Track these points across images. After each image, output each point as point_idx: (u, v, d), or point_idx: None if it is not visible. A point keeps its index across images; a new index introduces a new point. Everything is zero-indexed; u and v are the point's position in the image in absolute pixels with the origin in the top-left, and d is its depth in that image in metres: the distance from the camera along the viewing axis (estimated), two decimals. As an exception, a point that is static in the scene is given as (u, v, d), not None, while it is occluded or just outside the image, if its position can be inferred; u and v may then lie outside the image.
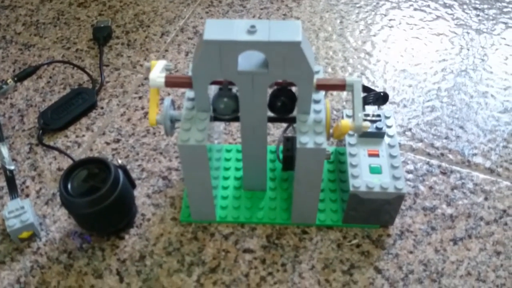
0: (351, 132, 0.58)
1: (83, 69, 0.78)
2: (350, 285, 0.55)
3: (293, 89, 0.52)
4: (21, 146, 0.69)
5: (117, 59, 0.80)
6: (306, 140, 0.48)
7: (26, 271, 0.57)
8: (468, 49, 0.81)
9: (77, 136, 0.70)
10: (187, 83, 0.49)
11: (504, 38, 0.83)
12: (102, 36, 0.82)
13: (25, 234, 0.58)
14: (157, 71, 0.49)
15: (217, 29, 0.44)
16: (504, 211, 0.61)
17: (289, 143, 0.57)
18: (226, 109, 0.51)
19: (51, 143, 0.69)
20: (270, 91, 0.51)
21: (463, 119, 0.71)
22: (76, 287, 0.55)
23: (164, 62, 0.51)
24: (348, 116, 0.60)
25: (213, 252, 0.57)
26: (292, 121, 0.53)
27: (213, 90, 0.53)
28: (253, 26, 0.44)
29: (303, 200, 0.56)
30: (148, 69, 0.51)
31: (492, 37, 0.83)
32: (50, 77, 0.78)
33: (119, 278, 0.56)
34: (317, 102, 0.51)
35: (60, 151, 0.67)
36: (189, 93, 0.53)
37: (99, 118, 0.72)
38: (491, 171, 0.65)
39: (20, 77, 0.77)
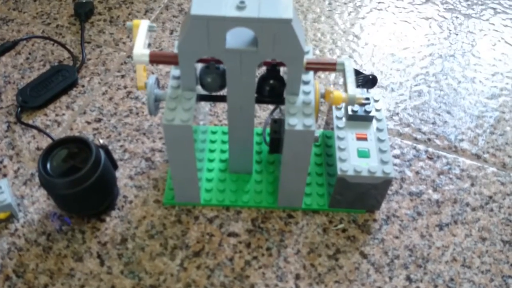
0: (339, 115, 0.57)
1: (63, 46, 0.75)
2: (336, 270, 0.54)
3: (282, 70, 0.51)
4: (-2, 124, 0.66)
5: (99, 36, 0.78)
6: (295, 122, 0.47)
7: (3, 253, 0.55)
8: (457, 34, 0.81)
9: (57, 115, 0.67)
10: (172, 60, 0.47)
11: (493, 24, 0.82)
12: (83, 12, 0.79)
13: (2, 215, 0.56)
14: (141, 44, 0.47)
15: (205, 3, 0.42)
16: (490, 197, 0.61)
17: (276, 125, 0.55)
18: (213, 83, 0.49)
19: (30, 122, 0.67)
20: (258, 76, 0.49)
21: (450, 104, 0.71)
22: (55, 270, 0.54)
23: (147, 22, 0.49)
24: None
25: (197, 235, 0.56)
26: (280, 102, 0.52)
27: (199, 68, 0.51)
28: (242, 2, 0.42)
29: (290, 184, 0.55)
30: (130, 30, 0.48)
31: (480, 22, 0.83)
32: (29, 53, 0.75)
33: (99, 262, 0.54)
34: (306, 83, 0.50)
35: (39, 130, 0.65)
36: (175, 71, 0.51)
37: (80, 97, 0.70)
38: (477, 157, 0.65)
39: (-3, 53, 0.74)
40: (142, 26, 0.48)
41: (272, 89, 0.50)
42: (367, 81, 0.62)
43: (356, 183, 0.54)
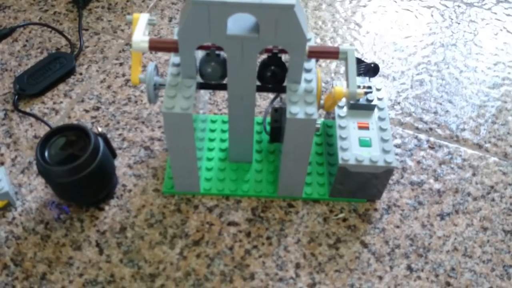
0: (341, 104, 0.57)
1: (61, 33, 0.74)
2: (336, 259, 0.54)
3: (283, 58, 0.50)
4: (-5, 112, 0.66)
5: (97, 23, 0.77)
6: (297, 110, 0.47)
7: (0, 242, 0.54)
8: (459, 23, 0.80)
9: (54, 103, 0.67)
10: (172, 47, 0.46)
11: (495, 13, 0.82)
12: (81, -1, 0.78)
13: (-1, 204, 0.55)
14: (140, 32, 0.46)
15: (206, -11, 0.41)
16: (492, 187, 0.60)
17: (277, 114, 0.55)
18: (213, 73, 0.48)
19: (27, 110, 0.66)
20: (259, 60, 0.49)
21: (452, 94, 0.70)
22: (54, 259, 0.53)
23: (147, 16, 0.48)
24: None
25: (196, 224, 0.56)
26: (281, 90, 0.51)
27: (199, 55, 0.50)
28: (244, -13, 0.41)
29: (291, 173, 0.54)
30: (130, 23, 0.48)
31: (483, 11, 0.82)
32: (27, 41, 0.74)
33: (98, 250, 0.54)
34: (308, 71, 0.49)
35: (37, 118, 0.64)
36: (174, 59, 0.50)
37: (78, 85, 0.69)
38: (479, 146, 0.64)
39: (-6, 40, 0.73)
40: (142, 18, 0.47)
41: (274, 74, 0.49)
42: (369, 69, 0.61)
43: (358, 172, 0.53)
